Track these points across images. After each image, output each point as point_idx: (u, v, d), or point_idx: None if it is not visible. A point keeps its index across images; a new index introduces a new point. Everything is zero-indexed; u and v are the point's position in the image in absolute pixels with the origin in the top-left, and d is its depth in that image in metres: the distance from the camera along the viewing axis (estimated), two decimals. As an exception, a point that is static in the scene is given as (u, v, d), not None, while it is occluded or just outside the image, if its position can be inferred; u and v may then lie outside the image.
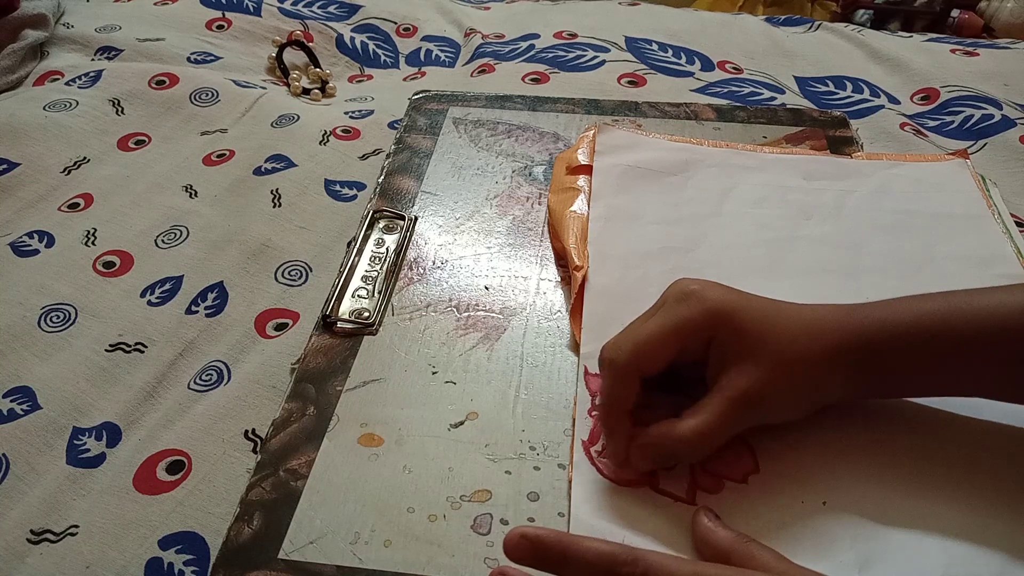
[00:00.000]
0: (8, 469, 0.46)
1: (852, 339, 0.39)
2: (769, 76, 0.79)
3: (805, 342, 0.39)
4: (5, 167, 0.67)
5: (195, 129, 0.72)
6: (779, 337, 0.39)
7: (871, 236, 0.54)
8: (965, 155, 0.60)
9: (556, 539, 0.33)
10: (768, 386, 0.38)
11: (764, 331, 0.39)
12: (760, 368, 0.38)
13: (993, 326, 0.38)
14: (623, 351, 0.39)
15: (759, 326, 0.39)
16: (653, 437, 0.39)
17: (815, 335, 0.39)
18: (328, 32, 0.89)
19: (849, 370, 0.39)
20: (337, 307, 0.51)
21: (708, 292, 0.40)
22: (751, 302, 0.40)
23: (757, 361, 0.38)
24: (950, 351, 0.39)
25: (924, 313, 0.39)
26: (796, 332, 0.39)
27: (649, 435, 0.39)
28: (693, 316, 0.39)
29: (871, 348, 0.39)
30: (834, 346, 0.39)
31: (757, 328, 0.39)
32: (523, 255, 0.55)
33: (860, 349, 0.39)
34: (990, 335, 0.38)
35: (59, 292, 0.56)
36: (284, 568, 0.38)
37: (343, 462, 0.42)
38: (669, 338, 0.39)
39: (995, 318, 0.38)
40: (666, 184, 0.59)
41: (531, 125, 0.67)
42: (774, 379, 0.38)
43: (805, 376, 0.39)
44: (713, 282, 0.41)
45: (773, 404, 0.39)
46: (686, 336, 0.39)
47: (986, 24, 1.62)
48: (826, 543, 0.37)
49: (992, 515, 0.38)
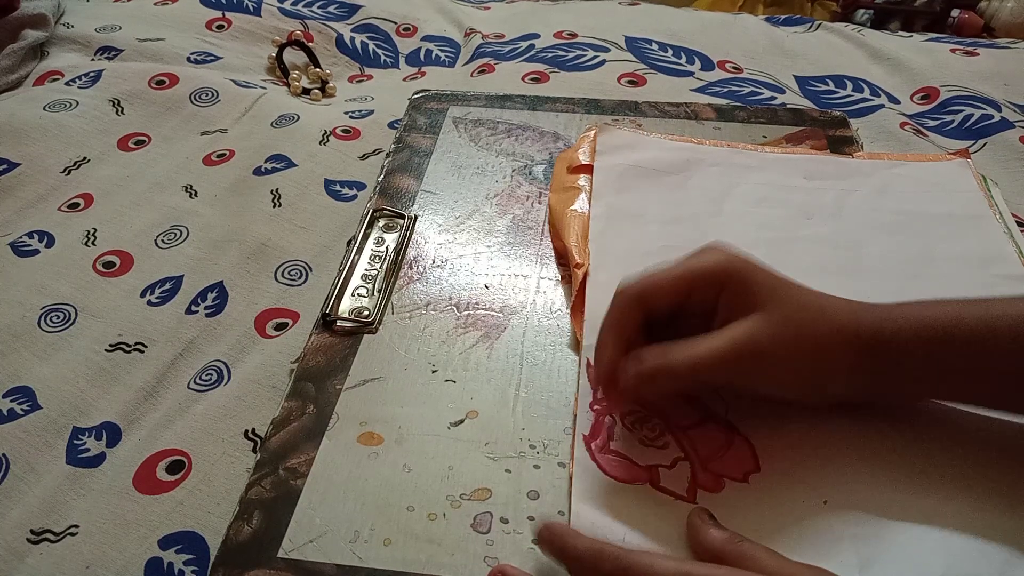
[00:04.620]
0: (8, 469, 0.46)
1: (863, 326, 0.39)
2: (769, 76, 0.79)
3: (816, 314, 0.39)
4: (5, 167, 0.67)
5: (195, 129, 0.72)
6: (791, 302, 0.39)
7: (872, 236, 0.54)
8: (966, 155, 0.60)
9: (560, 531, 0.36)
10: (772, 342, 0.38)
11: (777, 292, 0.39)
12: (768, 323, 0.38)
13: (1004, 335, 0.38)
14: (632, 284, 0.41)
15: (772, 287, 0.39)
16: (644, 355, 0.39)
17: (827, 311, 0.39)
18: (328, 32, 0.89)
19: (856, 358, 0.39)
20: (337, 306, 0.51)
21: (729, 249, 0.41)
22: (768, 270, 0.40)
23: (767, 316, 0.38)
24: (959, 356, 0.38)
25: (936, 316, 0.39)
26: (808, 303, 0.39)
27: (641, 353, 0.39)
28: (707, 264, 0.40)
29: (880, 338, 0.38)
30: (843, 326, 0.39)
31: (770, 288, 0.39)
32: (523, 254, 0.55)
33: (869, 337, 0.38)
34: (1000, 344, 0.38)
35: (59, 292, 0.56)
36: (284, 567, 0.38)
37: (343, 461, 0.42)
38: (679, 280, 0.40)
39: (1007, 327, 0.38)
40: (667, 183, 0.59)
41: (531, 125, 0.67)
42: (780, 338, 0.38)
43: (811, 348, 0.39)
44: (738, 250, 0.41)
45: (773, 366, 0.39)
46: (696, 281, 0.40)
47: (986, 24, 1.62)
48: (827, 543, 0.37)
49: (993, 515, 0.38)
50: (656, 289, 0.40)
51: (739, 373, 0.39)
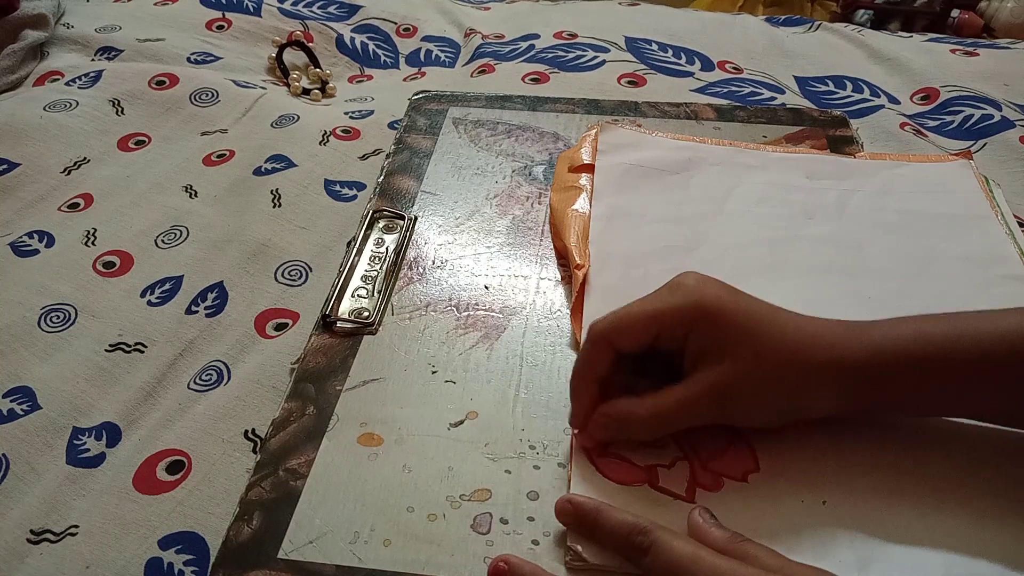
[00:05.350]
0: (8, 469, 0.46)
1: (845, 359, 0.38)
2: (769, 76, 0.79)
3: (793, 349, 0.38)
4: (5, 167, 0.67)
5: (195, 129, 0.72)
6: (765, 339, 0.39)
7: (874, 236, 0.54)
8: (968, 155, 0.60)
9: (593, 507, 0.37)
10: (740, 384, 0.38)
11: (749, 331, 0.39)
12: (736, 365, 0.38)
13: (1001, 352, 0.37)
14: (602, 321, 0.41)
15: (744, 326, 0.39)
16: (611, 409, 0.40)
17: (807, 346, 0.39)
18: (328, 32, 0.89)
19: (839, 387, 0.39)
20: (337, 307, 0.51)
21: (701, 287, 0.40)
22: (745, 304, 0.40)
23: (735, 359, 0.38)
24: (953, 376, 0.38)
25: (928, 336, 0.38)
26: (786, 338, 0.39)
27: (609, 407, 0.40)
28: (676, 305, 0.40)
29: (867, 369, 0.38)
30: (824, 361, 0.38)
31: (742, 327, 0.39)
32: (523, 254, 0.55)
33: (853, 369, 0.38)
34: (997, 361, 0.37)
35: (59, 292, 0.56)
36: (284, 568, 0.38)
37: (343, 462, 0.42)
38: (647, 321, 0.40)
39: (1003, 343, 0.37)
40: (668, 183, 0.59)
41: (531, 125, 0.67)
42: (749, 378, 0.38)
43: (786, 383, 0.39)
44: (715, 279, 0.41)
45: (745, 403, 0.39)
46: (664, 323, 0.40)
47: (986, 24, 1.62)
48: (826, 542, 0.37)
49: (994, 515, 0.38)
50: (625, 329, 0.40)
51: (708, 417, 0.40)
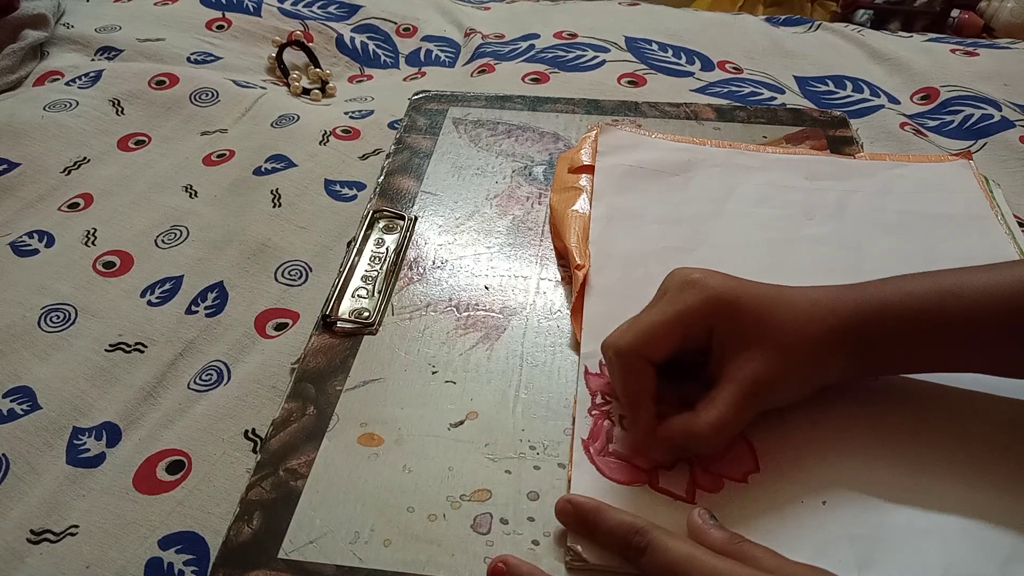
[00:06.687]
0: (8, 469, 0.46)
1: (847, 320, 0.40)
2: (769, 76, 0.79)
3: (805, 325, 0.39)
4: (5, 167, 0.67)
5: (195, 129, 0.72)
6: (781, 323, 0.39)
7: (874, 236, 0.54)
8: (968, 156, 0.60)
9: (592, 507, 0.37)
10: (775, 372, 0.39)
11: (766, 318, 0.39)
12: (766, 355, 0.39)
13: (988, 304, 0.39)
14: (626, 340, 0.40)
15: (760, 313, 0.40)
16: (672, 430, 0.39)
17: (815, 318, 0.40)
18: (328, 32, 0.89)
19: (847, 350, 0.40)
20: (337, 307, 0.51)
21: (709, 280, 0.40)
22: (751, 289, 0.41)
23: (763, 348, 0.39)
24: (944, 329, 0.39)
25: (914, 292, 0.40)
26: (797, 316, 0.40)
27: (669, 428, 0.39)
28: (695, 304, 0.40)
29: (866, 327, 0.39)
30: (831, 328, 0.39)
31: (758, 315, 0.39)
32: (523, 255, 0.55)
33: (855, 329, 0.39)
34: (986, 313, 0.39)
35: (59, 292, 0.56)
36: (284, 568, 0.38)
37: (343, 462, 0.42)
38: (673, 326, 0.40)
39: (990, 296, 0.39)
40: (668, 184, 0.59)
41: (531, 125, 0.67)
42: (780, 365, 0.39)
43: (807, 359, 0.40)
44: (712, 270, 0.41)
45: (780, 389, 0.40)
46: (689, 324, 0.40)
47: (986, 24, 1.62)
48: (826, 542, 0.37)
49: (993, 515, 0.38)
50: (653, 340, 0.40)
51: (756, 410, 0.40)
